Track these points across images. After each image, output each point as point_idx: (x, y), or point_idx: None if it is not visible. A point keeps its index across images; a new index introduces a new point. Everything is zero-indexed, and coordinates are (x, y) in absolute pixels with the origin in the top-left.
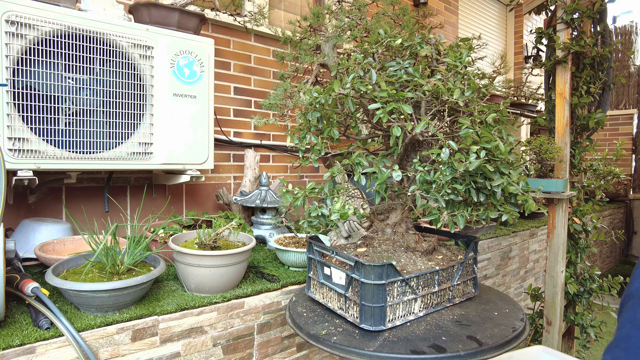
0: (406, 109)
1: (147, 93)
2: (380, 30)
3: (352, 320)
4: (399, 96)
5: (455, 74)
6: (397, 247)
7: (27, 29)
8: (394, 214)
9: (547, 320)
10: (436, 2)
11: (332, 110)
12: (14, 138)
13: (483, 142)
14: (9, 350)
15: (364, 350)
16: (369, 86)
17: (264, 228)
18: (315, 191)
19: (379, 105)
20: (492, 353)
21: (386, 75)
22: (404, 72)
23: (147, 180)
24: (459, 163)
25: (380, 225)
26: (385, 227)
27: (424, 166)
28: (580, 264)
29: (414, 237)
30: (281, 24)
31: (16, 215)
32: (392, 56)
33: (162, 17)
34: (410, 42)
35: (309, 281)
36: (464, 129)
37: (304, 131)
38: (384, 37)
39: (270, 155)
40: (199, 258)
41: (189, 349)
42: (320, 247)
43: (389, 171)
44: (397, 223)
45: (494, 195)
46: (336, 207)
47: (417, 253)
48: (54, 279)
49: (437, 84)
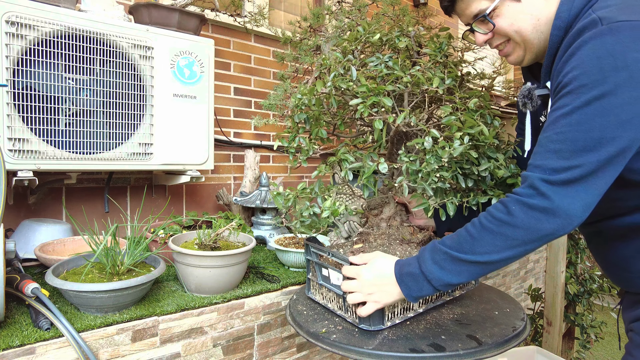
0: (386, 101)
1: (147, 94)
2: (359, 27)
3: (352, 320)
4: (378, 90)
5: (435, 64)
6: (392, 241)
7: (27, 30)
8: (387, 208)
9: (547, 320)
10: (436, 3)
11: (318, 110)
12: (14, 139)
13: (466, 127)
14: (9, 351)
15: (362, 349)
16: (350, 83)
17: (264, 228)
18: (307, 191)
19: (360, 100)
20: (492, 352)
21: (367, 71)
22: (384, 66)
23: (147, 180)
24: (443, 150)
25: (375, 220)
26: (379, 222)
27: (409, 157)
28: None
29: (409, 229)
30: (281, 24)
31: (16, 216)
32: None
33: (162, 18)
34: (389, 36)
35: (309, 282)
36: (446, 116)
37: (292, 133)
38: (363, 34)
39: (270, 156)
40: (199, 258)
41: (189, 349)
42: (317, 249)
43: (374, 164)
44: (391, 217)
45: (483, 181)
46: (327, 205)
47: (413, 245)
48: (54, 280)
49: (417, 74)
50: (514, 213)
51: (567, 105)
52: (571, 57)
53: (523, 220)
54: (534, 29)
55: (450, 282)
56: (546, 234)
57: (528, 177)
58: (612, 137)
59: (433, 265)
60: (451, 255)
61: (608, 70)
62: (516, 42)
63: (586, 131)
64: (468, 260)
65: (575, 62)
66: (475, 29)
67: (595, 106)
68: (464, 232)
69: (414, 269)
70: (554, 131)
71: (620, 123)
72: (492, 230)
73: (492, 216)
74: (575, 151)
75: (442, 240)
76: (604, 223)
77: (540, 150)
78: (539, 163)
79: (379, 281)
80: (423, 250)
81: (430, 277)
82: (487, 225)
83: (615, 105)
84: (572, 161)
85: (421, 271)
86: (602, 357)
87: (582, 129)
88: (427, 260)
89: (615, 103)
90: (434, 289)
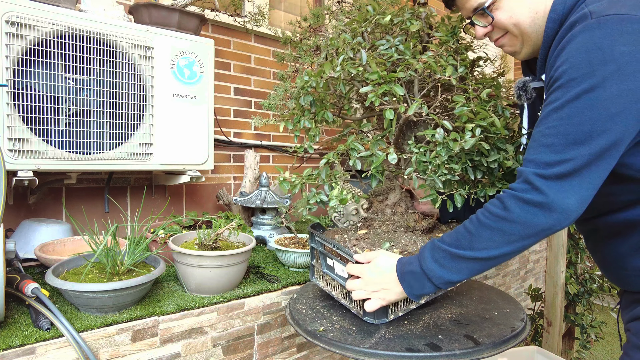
0: (398, 90)
1: (147, 94)
2: (368, 7)
3: (356, 312)
4: (390, 77)
5: (447, 50)
6: (397, 228)
7: (27, 30)
8: (393, 195)
9: (547, 320)
10: (436, 3)
11: (324, 93)
12: (14, 139)
13: (478, 119)
14: (9, 351)
15: (359, 347)
16: (360, 68)
17: (264, 228)
18: (313, 177)
19: (370, 88)
20: (489, 352)
21: (377, 54)
22: (394, 50)
23: (147, 180)
24: (454, 142)
25: (379, 206)
26: (384, 208)
27: (419, 147)
28: (581, 264)
29: (414, 216)
30: (281, 24)
31: (16, 216)
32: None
33: (162, 18)
34: (400, 18)
35: (312, 269)
36: (459, 107)
37: (297, 116)
38: (373, 15)
39: (270, 156)
40: (199, 259)
41: (189, 349)
42: (322, 238)
43: (384, 154)
44: (396, 203)
45: (491, 172)
46: (334, 193)
47: (417, 232)
48: (54, 280)
49: (429, 61)
50: (510, 208)
51: (558, 100)
52: (562, 51)
53: (519, 215)
54: (532, 22)
55: (451, 280)
56: (543, 229)
57: (523, 172)
58: (602, 130)
59: (433, 263)
60: (450, 252)
61: (596, 63)
62: (514, 34)
63: (577, 124)
64: (467, 256)
65: (566, 56)
66: (476, 22)
67: (584, 99)
68: (462, 229)
69: (415, 268)
70: (546, 125)
71: (609, 116)
72: (490, 226)
73: (489, 212)
74: (567, 145)
75: (441, 237)
76: (599, 219)
77: (534, 145)
78: (532, 157)
79: (382, 280)
80: (423, 249)
81: (431, 275)
82: (484, 222)
83: (604, 98)
84: (564, 155)
85: (422, 270)
86: (602, 357)
87: (572, 122)
88: (427, 259)
89: (604, 96)
90: (435, 287)
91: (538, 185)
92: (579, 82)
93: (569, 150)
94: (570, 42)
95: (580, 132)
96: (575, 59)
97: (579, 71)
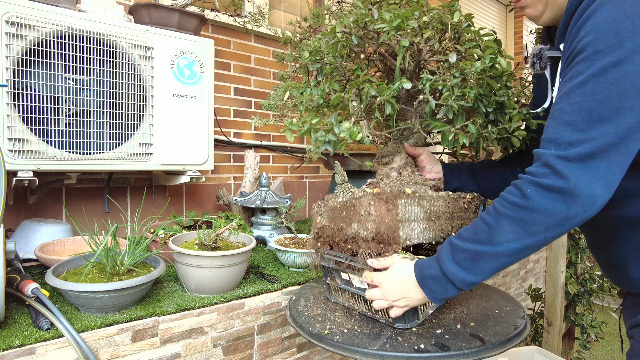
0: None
1: (147, 94)
2: None
3: (385, 321)
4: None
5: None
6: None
7: (27, 30)
8: (399, 157)
9: (547, 320)
10: (436, 2)
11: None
12: (14, 139)
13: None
14: (9, 351)
15: (367, 349)
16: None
17: (264, 229)
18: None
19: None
20: (495, 351)
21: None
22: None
23: (147, 180)
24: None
25: (384, 169)
26: (390, 172)
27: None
28: (581, 264)
29: (420, 177)
30: (281, 24)
31: (16, 216)
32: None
33: (162, 18)
34: None
35: (328, 288)
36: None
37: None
38: None
39: (270, 156)
40: (199, 259)
41: (189, 349)
42: (333, 255)
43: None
44: (402, 166)
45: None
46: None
47: (426, 186)
48: (54, 280)
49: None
50: (529, 195)
51: (582, 74)
52: (587, 20)
53: (540, 202)
54: None
55: (474, 282)
56: (566, 217)
57: (541, 155)
58: (630, 107)
59: (454, 265)
60: (470, 251)
61: (625, 35)
62: None
63: (602, 101)
64: (487, 252)
65: (591, 27)
66: None
67: (611, 74)
68: (479, 221)
69: (435, 271)
70: (568, 102)
71: (638, 92)
72: (509, 215)
73: (507, 201)
74: (591, 122)
75: (458, 232)
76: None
77: (553, 123)
78: (552, 136)
79: (402, 287)
80: (440, 249)
81: (453, 278)
82: (502, 211)
83: (633, 73)
84: (588, 133)
85: (442, 273)
86: (602, 357)
87: (597, 98)
88: (447, 261)
89: (633, 70)
90: (457, 290)
91: (559, 169)
92: (606, 54)
93: (593, 129)
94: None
95: (605, 109)
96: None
97: (606, 43)
